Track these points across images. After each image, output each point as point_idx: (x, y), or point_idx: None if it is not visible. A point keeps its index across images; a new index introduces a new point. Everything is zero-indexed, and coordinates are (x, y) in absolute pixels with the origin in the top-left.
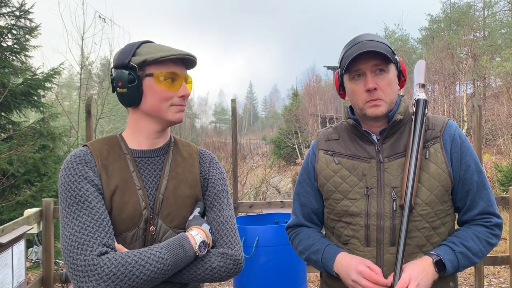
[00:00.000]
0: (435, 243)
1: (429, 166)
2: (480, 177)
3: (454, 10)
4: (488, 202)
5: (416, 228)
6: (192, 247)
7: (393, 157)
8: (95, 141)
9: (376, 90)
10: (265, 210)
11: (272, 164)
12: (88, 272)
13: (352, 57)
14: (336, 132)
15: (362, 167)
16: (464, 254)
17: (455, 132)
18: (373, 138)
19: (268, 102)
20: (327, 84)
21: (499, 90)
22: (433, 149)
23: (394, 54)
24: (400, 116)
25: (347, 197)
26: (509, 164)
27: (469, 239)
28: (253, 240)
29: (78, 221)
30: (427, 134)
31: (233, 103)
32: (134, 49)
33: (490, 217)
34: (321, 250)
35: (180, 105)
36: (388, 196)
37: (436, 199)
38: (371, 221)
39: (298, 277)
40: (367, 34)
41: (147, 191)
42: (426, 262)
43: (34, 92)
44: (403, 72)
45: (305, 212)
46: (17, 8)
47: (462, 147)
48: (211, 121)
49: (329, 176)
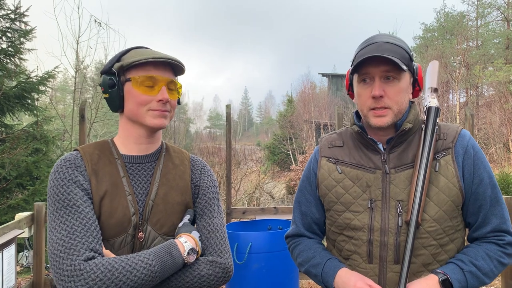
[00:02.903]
0: (442, 261)
1: (439, 179)
2: (494, 192)
3: (447, 19)
4: (502, 219)
5: (422, 246)
6: (181, 254)
7: (400, 168)
8: (86, 145)
9: (383, 97)
10: (259, 216)
11: (266, 170)
12: (74, 277)
13: (362, 58)
14: (341, 138)
15: (366, 177)
16: (473, 273)
17: (468, 142)
18: (379, 147)
19: (263, 108)
20: (322, 91)
21: (492, 99)
22: (443, 161)
23: (412, 60)
24: (410, 125)
25: (350, 209)
26: (501, 173)
27: (480, 258)
28: (246, 247)
29: (65, 225)
30: (438, 145)
31: (227, 109)
32: (121, 55)
33: (504, 235)
34: (322, 264)
35: (158, 110)
36: (394, 210)
37: (445, 215)
38: (374, 237)
39: (291, 283)
40: (385, 35)
41: (137, 197)
42: (432, 282)
43: (28, 95)
44: (418, 81)
45: (305, 221)
46: (12, 10)
47: (476, 159)
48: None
49: (331, 186)
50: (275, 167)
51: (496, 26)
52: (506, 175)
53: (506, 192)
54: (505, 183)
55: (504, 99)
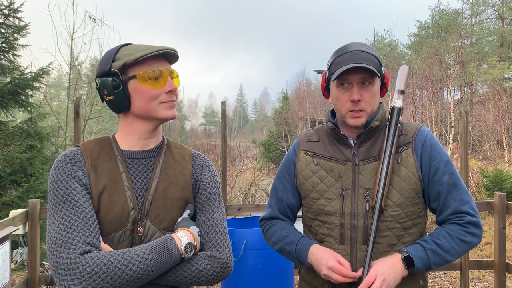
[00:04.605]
0: (406, 243)
1: (401, 170)
2: (451, 178)
3: (442, 17)
4: (460, 201)
5: (387, 228)
6: (178, 249)
7: (367, 161)
8: (87, 141)
9: (360, 101)
10: (254, 212)
11: (261, 167)
12: (70, 270)
13: (343, 68)
14: (317, 134)
15: (339, 168)
16: (434, 251)
17: (426, 137)
18: (350, 142)
19: (258, 105)
20: (316, 88)
21: (486, 97)
22: (405, 154)
23: (381, 65)
24: (377, 123)
25: (324, 197)
26: (495, 170)
27: (441, 237)
28: (241, 243)
29: (63, 219)
30: (400, 140)
31: (223, 106)
32: (113, 54)
33: (463, 215)
34: (295, 241)
35: (170, 101)
36: (362, 197)
37: (406, 201)
38: (345, 220)
39: (286, 280)
40: (357, 43)
41: (136, 192)
42: (395, 259)
43: (22, 91)
44: (385, 84)
45: (281, 206)
46: (5, 6)
47: (432, 151)
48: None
49: (307, 176)
50: (270, 164)
51: (490, 23)
52: (500, 171)
53: (499, 188)
54: (498, 180)
55: (498, 97)
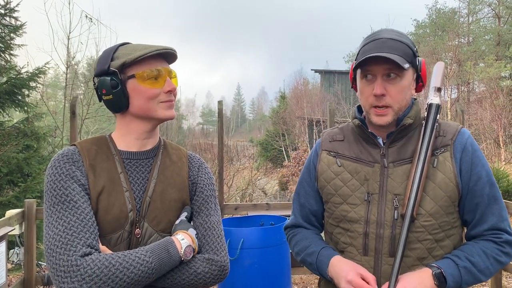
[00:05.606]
0: (437, 256)
1: (436, 175)
2: (492, 191)
3: (439, 16)
4: (499, 217)
5: (417, 240)
6: (178, 252)
7: (398, 163)
8: (84, 141)
9: (384, 96)
10: (251, 212)
11: (258, 166)
12: (70, 272)
13: (364, 57)
14: (342, 132)
15: (365, 171)
16: (468, 269)
17: (467, 141)
18: (379, 141)
19: (255, 105)
20: (314, 87)
21: (483, 96)
22: (442, 157)
23: (415, 56)
24: (410, 120)
25: (347, 202)
26: (492, 168)
27: (476, 255)
28: (238, 242)
29: (62, 220)
30: (437, 141)
31: (219, 105)
32: (112, 53)
33: (501, 233)
34: (316, 252)
35: (168, 101)
36: (390, 203)
37: (441, 210)
38: (370, 229)
39: (283, 279)
40: (389, 30)
41: (134, 193)
42: (425, 274)
43: (19, 91)
44: (422, 77)
45: (303, 213)
46: (2, 6)
47: (474, 157)
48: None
49: (329, 179)
50: (268, 163)
51: (487, 22)
52: (496, 170)
53: None
54: (495, 178)
55: (494, 95)
